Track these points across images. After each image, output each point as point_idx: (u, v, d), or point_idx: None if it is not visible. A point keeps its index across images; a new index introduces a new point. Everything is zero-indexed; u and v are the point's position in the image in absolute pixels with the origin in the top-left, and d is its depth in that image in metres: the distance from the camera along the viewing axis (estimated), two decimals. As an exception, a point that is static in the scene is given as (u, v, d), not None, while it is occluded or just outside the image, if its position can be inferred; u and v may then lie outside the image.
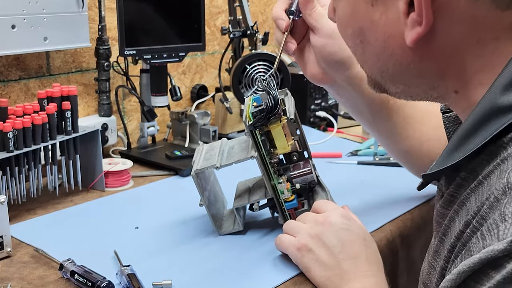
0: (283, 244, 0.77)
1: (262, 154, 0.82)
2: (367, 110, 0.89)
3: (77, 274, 0.73)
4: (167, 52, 1.21)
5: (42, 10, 1.12)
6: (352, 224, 0.75)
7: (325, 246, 0.72)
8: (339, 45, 0.79)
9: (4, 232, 0.81)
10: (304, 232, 0.75)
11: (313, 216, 0.76)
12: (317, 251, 0.72)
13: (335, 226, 0.73)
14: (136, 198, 1.07)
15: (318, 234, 0.73)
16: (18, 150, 0.93)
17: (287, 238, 0.77)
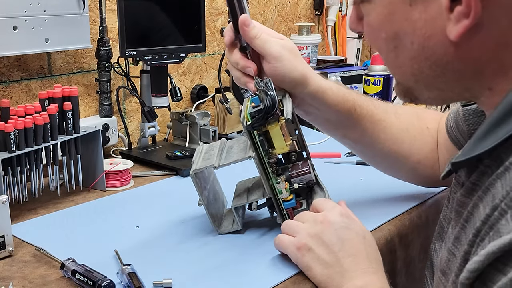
0: (282, 244, 0.77)
1: (260, 154, 0.82)
2: (333, 121, 0.89)
3: (78, 273, 0.73)
4: (167, 53, 1.22)
5: (43, 11, 1.13)
6: (351, 223, 0.75)
7: (324, 244, 0.72)
8: (288, 66, 0.80)
9: (5, 231, 0.81)
10: (303, 232, 0.75)
11: (312, 215, 0.76)
12: (317, 250, 0.72)
13: (334, 224, 0.73)
14: (136, 198, 1.07)
15: (318, 233, 0.73)
16: (19, 150, 0.93)
17: (286, 238, 0.77)
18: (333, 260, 0.71)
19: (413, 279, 1.02)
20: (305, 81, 0.82)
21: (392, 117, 0.93)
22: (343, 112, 0.87)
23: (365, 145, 0.94)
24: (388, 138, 0.92)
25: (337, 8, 2.07)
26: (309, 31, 1.84)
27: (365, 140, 0.92)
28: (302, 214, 0.79)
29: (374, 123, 0.91)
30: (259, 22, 1.91)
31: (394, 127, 0.93)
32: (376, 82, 1.48)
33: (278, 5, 1.88)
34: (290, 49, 0.82)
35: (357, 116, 0.89)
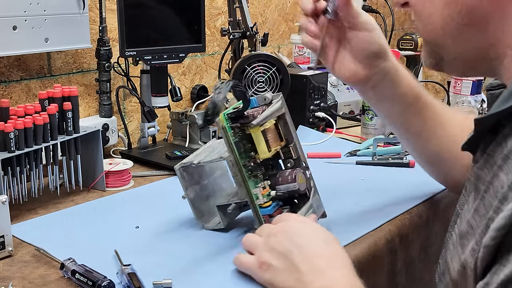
0: (243, 265, 0.74)
1: (236, 156, 0.80)
2: (400, 103, 0.89)
3: (78, 273, 0.73)
4: (167, 53, 1.22)
5: (43, 11, 1.13)
6: (307, 227, 0.72)
7: (281, 255, 0.69)
8: (377, 36, 0.85)
9: (5, 231, 0.81)
10: (260, 248, 0.71)
11: (270, 229, 0.73)
12: (275, 263, 0.69)
13: (288, 232, 0.70)
14: (136, 198, 1.07)
15: (273, 246, 0.70)
16: (19, 150, 0.93)
17: (245, 258, 0.74)
18: (291, 268, 0.67)
19: (414, 279, 1.02)
20: (385, 54, 0.86)
21: (450, 114, 0.93)
22: (411, 96, 0.89)
23: (422, 138, 0.92)
24: (445, 135, 0.91)
25: (337, 8, 2.06)
26: (309, 31, 1.83)
27: (424, 133, 0.91)
28: (261, 228, 0.76)
29: (436, 115, 0.90)
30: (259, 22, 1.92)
31: (452, 124, 0.92)
32: (376, 82, 1.48)
33: (278, 5, 1.88)
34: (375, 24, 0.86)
35: (422, 104, 0.89)
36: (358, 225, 0.93)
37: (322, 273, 0.66)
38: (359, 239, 0.88)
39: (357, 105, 1.60)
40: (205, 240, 0.87)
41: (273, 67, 1.34)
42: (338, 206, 1.01)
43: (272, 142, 0.82)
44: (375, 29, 0.85)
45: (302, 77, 1.45)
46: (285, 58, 1.73)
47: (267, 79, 1.34)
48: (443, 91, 1.61)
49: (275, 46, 1.90)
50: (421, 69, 1.85)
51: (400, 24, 2.65)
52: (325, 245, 0.70)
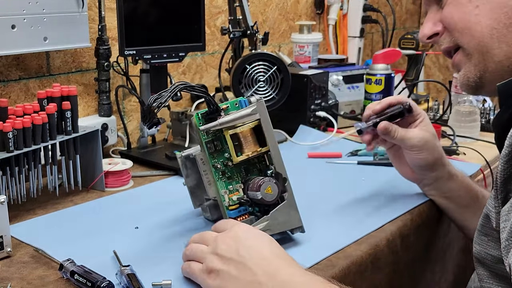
0: (193, 274, 0.73)
1: (206, 155, 0.82)
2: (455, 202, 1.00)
3: (77, 274, 0.73)
4: (167, 52, 1.21)
5: (42, 10, 1.12)
6: (251, 231, 0.72)
7: (231, 261, 0.68)
8: (427, 153, 0.97)
9: (4, 232, 0.81)
10: (208, 256, 0.71)
11: (214, 236, 0.73)
12: (226, 269, 0.68)
13: (235, 238, 0.70)
14: (136, 198, 1.07)
15: (222, 253, 0.70)
16: (18, 150, 0.93)
17: (194, 266, 0.73)
18: (244, 272, 0.67)
19: (416, 280, 1.01)
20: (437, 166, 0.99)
21: None
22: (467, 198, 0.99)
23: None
24: None
25: (338, 7, 2.06)
26: (310, 30, 1.83)
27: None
28: (203, 235, 0.76)
29: None
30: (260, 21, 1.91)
31: None
32: (378, 82, 1.47)
33: (279, 3, 1.88)
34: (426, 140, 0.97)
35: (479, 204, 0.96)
36: (359, 225, 0.92)
37: (278, 271, 0.66)
38: (360, 240, 0.88)
39: (358, 105, 1.60)
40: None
41: (274, 66, 1.33)
42: (338, 206, 1.00)
43: (247, 147, 0.82)
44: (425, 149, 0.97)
45: (303, 77, 1.45)
46: (286, 57, 1.73)
47: (268, 79, 1.34)
48: (445, 91, 1.60)
49: (275, 45, 1.89)
50: (422, 68, 1.85)
51: (401, 23, 2.64)
52: (273, 246, 0.71)
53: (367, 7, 2.10)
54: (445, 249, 1.10)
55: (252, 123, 0.82)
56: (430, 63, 2.79)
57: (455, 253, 1.15)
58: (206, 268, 0.70)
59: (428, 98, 1.85)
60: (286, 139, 1.41)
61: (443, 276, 1.11)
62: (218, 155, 0.83)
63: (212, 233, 0.75)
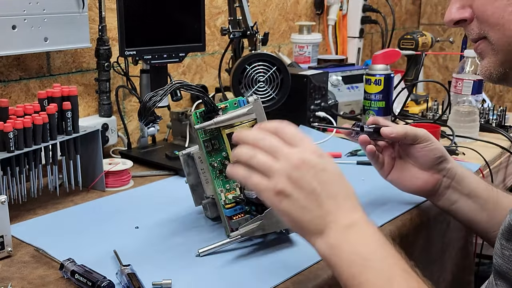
0: (256, 187, 0.68)
1: (203, 153, 0.83)
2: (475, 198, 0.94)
3: (77, 274, 0.73)
4: (167, 53, 1.21)
5: (42, 10, 1.12)
6: (327, 162, 0.70)
7: (304, 190, 0.66)
8: (436, 143, 0.95)
9: (4, 232, 0.81)
10: (279, 176, 0.67)
11: (286, 154, 0.68)
12: (296, 196, 0.66)
13: (312, 168, 0.67)
14: (136, 198, 1.07)
15: (297, 179, 0.66)
16: (18, 150, 0.93)
17: (260, 180, 0.68)
18: (314, 204, 0.66)
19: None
20: (447, 156, 0.95)
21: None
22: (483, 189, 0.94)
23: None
24: None
25: (338, 7, 2.06)
26: (310, 30, 1.83)
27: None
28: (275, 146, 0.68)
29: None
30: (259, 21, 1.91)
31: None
32: (377, 82, 1.48)
33: (278, 4, 1.88)
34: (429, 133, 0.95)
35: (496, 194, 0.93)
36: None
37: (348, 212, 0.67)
38: (360, 240, 0.88)
39: (357, 105, 1.60)
40: (205, 241, 0.86)
41: (274, 66, 1.34)
42: (338, 206, 1.00)
43: None
44: (433, 140, 0.95)
45: (302, 77, 1.45)
46: (286, 58, 1.73)
47: (268, 79, 1.34)
48: (444, 91, 1.60)
49: (275, 45, 1.89)
50: (421, 69, 1.85)
51: (401, 23, 2.64)
52: (343, 182, 0.70)
53: (367, 7, 2.10)
54: (444, 249, 1.11)
55: (250, 123, 0.83)
56: (430, 63, 2.79)
57: (454, 253, 1.15)
58: (275, 188, 0.67)
59: (428, 98, 1.85)
60: (286, 139, 1.41)
61: (442, 276, 1.11)
62: (215, 154, 0.84)
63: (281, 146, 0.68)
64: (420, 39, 1.87)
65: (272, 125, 0.71)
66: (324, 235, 0.66)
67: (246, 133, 0.71)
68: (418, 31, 1.93)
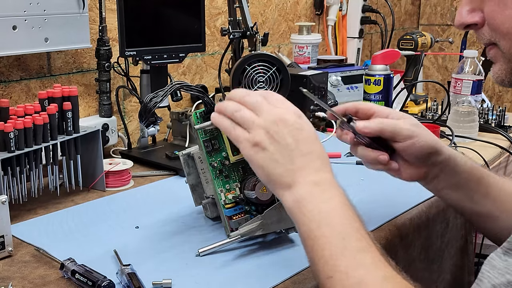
0: (237, 138, 0.73)
1: (204, 153, 0.83)
2: (463, 190, 0.89)
3: (78, 274, 0.73)
4: (167, 53, 1.22)
5: (43, 11, 1.13)
6: (304, 123, 0.73)
7: (279, 144, 0.71)
8: (423, 137, 0.84)
9: (5, 231, 0.81)
10: (258, 129, 0.71)
11: (268, 110, 0.72)
12: (271, 149, 0.70)
13: (290, 126, 0.71)
14: (136, 198, 1.07)
15: (273, 134, 0.71)
16: (19, 150, 0.93)
17: (240, 131, 0.73)
18: (286, 159, 0.70)
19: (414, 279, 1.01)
20: (440, 149, 0.86)
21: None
22: (474, 181, 0.89)
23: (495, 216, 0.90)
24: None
25: (338, 8, 2.07)
26: (310, 30, 1.84)
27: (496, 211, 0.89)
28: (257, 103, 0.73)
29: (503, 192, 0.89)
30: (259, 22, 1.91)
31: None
32: (377, 82, 1.48)
33: (278, 4, 1.88)
34: (416, 125, 0.86)
35: (486, 184, 0.89)
36: (358, 225, 0.92)
37: (315, 170, 0.70)
38: (359, 239, 0.88)
39: (357, 105, 1.60)
40: (205, 241, 0.86)
41: (273, 67, 1.34)
42: (338, 206, 1.01)
43: None
44: (418, 134, 0.84)
45: (302, 77, 1.45)
46: (285, 58, 1.73)
47: (267, 79, 1.34)
48: (443, 91, 1.60)
49: (275, 45, 1.90)
50: (421, 69, 1.85)
51: (400, 23, 2.65)
52: (317, 143, 0.73)
53: (366, 8, 2.10)
54: (444, 248, 1.11)
55: None
56: (429, 64, 2.79)
57: (453, 253, 1.15)
58: (253, 139, 0.71)
59: (427, 98, 1.86)
60: (286, 140, 1.41)
61: (441, 276, 1.11)
62: (215, 154, 0.84)
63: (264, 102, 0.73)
64: (420, 40, 1.88)
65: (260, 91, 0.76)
66: (291, 189, 0.69)
67: (235, 90, 0.76)
68: (418, 31, 1.94)
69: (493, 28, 0.67)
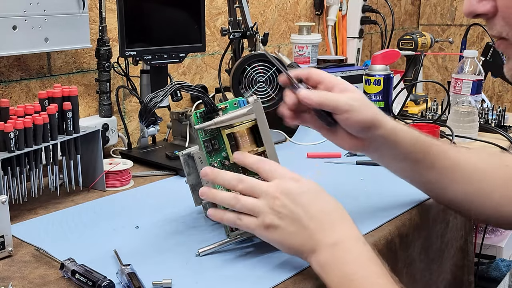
0: (248, 227, 0.75)
1: (203, 153, 0.83)
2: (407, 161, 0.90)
3: (78, 274, 0.73)
4: (167, 53, 1.22)
5: (43, 11, 1.13)
6: (303, 184, 0.74)
7: (288, 217, 0.72)
8: (361, 111, 0.84)
9: (5, 231, 0.81)
10: (264, 211, 0.73)
11: (264, 189, 0.74)
12: (283, 225, 0.72)
13: (291, 194, 0.73)
14: (136, 198, 1.07)
15: (278, 209, 0.72)
16: (19, 150, 0.93)
17: (249, 220, 0.75)
18: (300, 228, 0.71)
19: (414, 279, 1.02)
20: (379, 123, 0.86)
21: (467, 155, 0.91)
22: (419, 152, 0.88)
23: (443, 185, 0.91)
24: (467, 177, 0.89)
25: (338, 8, 2.07)
26: (309, 30, 1.84)
27: (444, 180, 0.90)
28: (253, 187, 0.75)
29: (452, 162, 0.89)
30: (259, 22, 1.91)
31: (471, 165, 0.90)
32: (377, 82, 1.48)
33: (278, 4, 1.88)
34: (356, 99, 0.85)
35: (433, 155, 0.89)
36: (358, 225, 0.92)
37: (333, 228, 0.71)
38: (359, 239, 0.88)
39: (357, 105, 1.60)
40: (205, 241, 0.86)
41: (273, 67, 1.34)
42: (338, 206, 1.01)
43: (244, 147, 0.83)
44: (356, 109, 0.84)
45: (302, 77, 1.45)
46: (285, 58, 1.73)
47: (267, 79, 1.34)
48: (443, 91, 1.60)
49: (275, 45, 1.90)
50: (421, 69, 1.85)
51: (400, 24, 2.65)
52: (326, 201, 0.74)
53: (366, 8, 2.10)
54: (443, 248, 1.11)
55: (249, 123, 0.83)
56: (429, 64, 2.79)
57: (453, 253, 1.15)
58: (263, 223, 0.73)
59: (427, 98, 1.86)
60: (286, 139, 1.41)
61: (441, 275, 1.11)
62: (215, 154, 0.84)
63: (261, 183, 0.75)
64: (420, 40, 1.88)
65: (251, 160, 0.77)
66: (315, 254, 0.71)
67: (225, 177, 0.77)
68: (418, 31, 1.94)
69: (504, 21, 0.64)
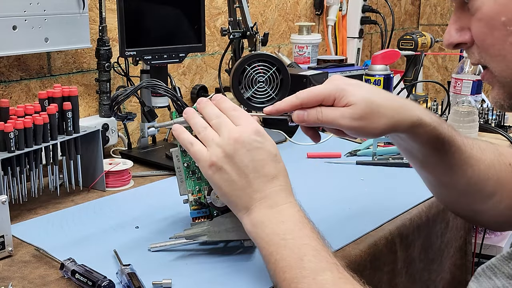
0: (195, 155, 0.73)
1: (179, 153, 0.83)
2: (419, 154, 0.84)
3: (78, 274, 0.73)
4: (167, 53, 1.22)
5: (43, 11, 1.13)
6: (264, 141, 0.72)
7: (236, 166, 0.70)
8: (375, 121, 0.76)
9: (5, 231, 0.81)
10: (216, 148, 0.71)
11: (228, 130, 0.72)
12: (228, 170, 0.71)
13: (248, 145, 0.71)
14: (136, 198, 1.07)
15: (231, 154, 0.71)
16: (19, 150, 0.93)
17: (199, 149, 0.73)
18: (243, 182, 0.71)
19: (414, 279, 1.02)
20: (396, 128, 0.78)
21: (478, 152, 0.87)
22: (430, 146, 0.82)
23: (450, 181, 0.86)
24: (476, 175, 0.86)
25: (338, 8, 2.07)
26: (310, 30, 1.84)
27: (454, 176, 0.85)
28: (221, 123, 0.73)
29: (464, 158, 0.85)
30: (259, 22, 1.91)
31: (481, 163, 0.86)
32: (377, 82, 1.48)
33: (278, 4, 1.88)
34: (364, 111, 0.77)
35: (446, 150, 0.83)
36: (358, 225, 0.93)
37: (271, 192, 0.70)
38: (359, 239, 0.88)
39: (357, 105, 1.60)
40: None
41: (273, 67, 1.34)
42: (338, 206, 1.01)
43: None
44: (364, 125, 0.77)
45: (302, 77, 1.45)
46: (285, 58, 1.73)
47: (267, 79, 1.34)
48: (443, 91, 1.61)
49: (275, 46, 1.90)
50: (421, 69, 1.85)
51: (400, 24, 2.65)
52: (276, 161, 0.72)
53: (366, 8, 2.10)
54: (443, 248, 1.11)
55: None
56: (429, 64, 2.80)
57: (453, 253, 1.15)
58: (210, 159, 0.72)
59: (427, 98, 1.86)
60: (286, 140, 1.41)
61: (440, 275, 1.11)
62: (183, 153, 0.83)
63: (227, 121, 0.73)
64: (420, 40, 1.88)
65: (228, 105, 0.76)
66: (249, 212, 0.71)
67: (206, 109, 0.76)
68: (418, 31, 1.94)
69: (482, 49, 0.65)
